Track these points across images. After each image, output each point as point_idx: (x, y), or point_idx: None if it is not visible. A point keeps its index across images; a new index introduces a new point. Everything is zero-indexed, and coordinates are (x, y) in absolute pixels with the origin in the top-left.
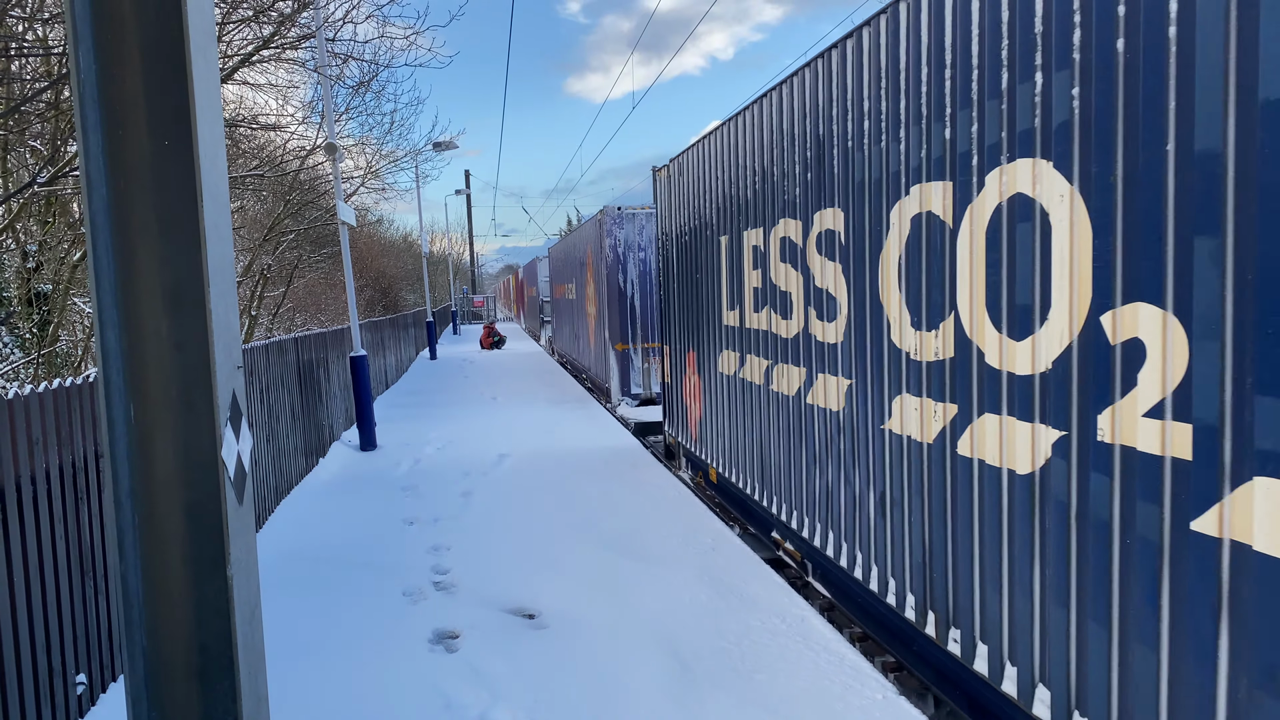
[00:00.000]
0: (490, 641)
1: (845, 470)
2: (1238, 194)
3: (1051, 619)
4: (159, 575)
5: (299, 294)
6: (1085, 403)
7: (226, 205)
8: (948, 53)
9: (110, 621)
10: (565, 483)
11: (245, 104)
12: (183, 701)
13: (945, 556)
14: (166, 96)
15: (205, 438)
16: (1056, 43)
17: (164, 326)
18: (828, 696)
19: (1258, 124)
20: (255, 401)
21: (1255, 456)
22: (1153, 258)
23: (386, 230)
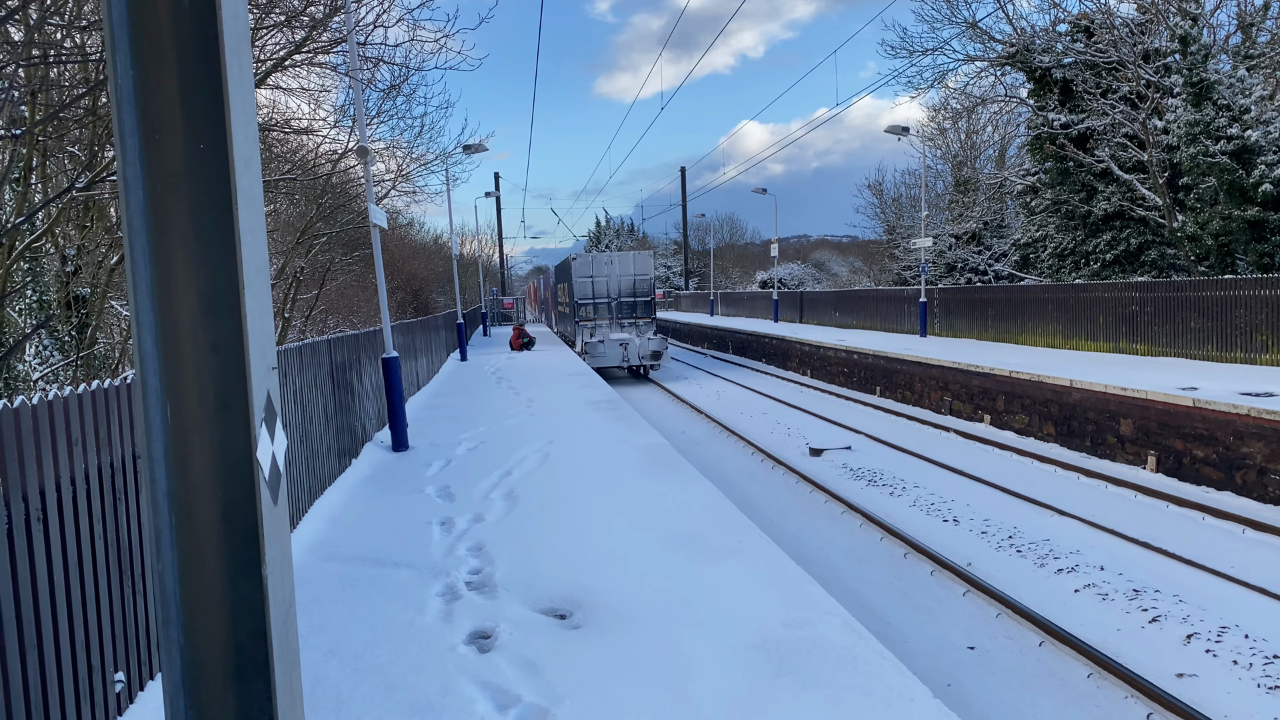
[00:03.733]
0: (525, 640)
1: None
2: None
3: None
4: (195, 575)
5: (331, 296)
6: None
7: (261, 209)
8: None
9: (148, 621)
10: (598, 482)
11: (278, 108)
12: (219, 700)
13: None
14: (202, 101)
15: (240, 439)
16: None
17: (200, 329)
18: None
19: None
20: (289, 403)
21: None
22: None
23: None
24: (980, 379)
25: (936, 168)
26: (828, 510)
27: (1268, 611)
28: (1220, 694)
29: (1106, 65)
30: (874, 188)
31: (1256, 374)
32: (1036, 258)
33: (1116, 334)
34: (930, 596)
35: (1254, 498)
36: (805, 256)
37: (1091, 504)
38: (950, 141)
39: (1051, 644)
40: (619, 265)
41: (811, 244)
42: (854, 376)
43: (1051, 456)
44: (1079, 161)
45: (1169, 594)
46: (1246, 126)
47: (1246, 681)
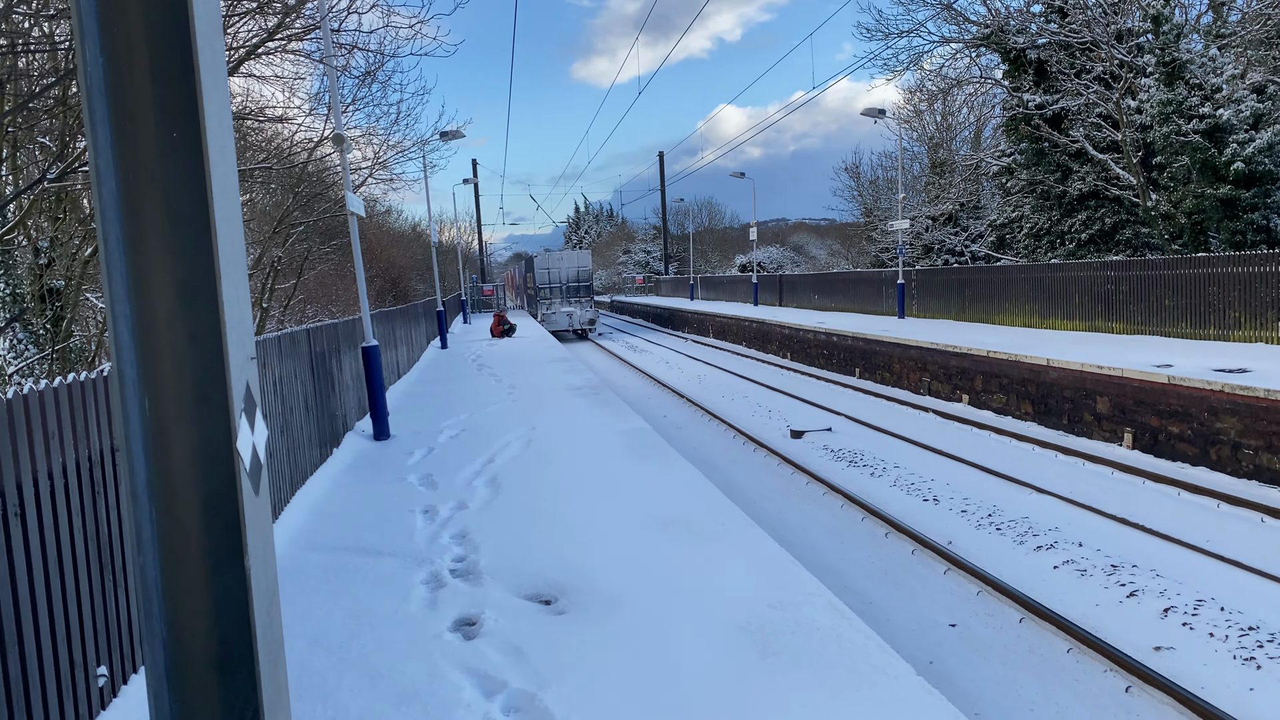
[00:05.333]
0: (511, 626)
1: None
2: None
3: None
4: (177, 568)
5: (310, 286)
6: None
7: (237, 197)
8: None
9: (130, 614)
10: (581, 468)
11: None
12: (203, 692)
13: None
14: (174, 89)
15: (220, 430)
16: None
17: (177, 319)
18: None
19: None
20: (269, 393)
21: None
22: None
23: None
24: (958, 359)
25: (913, 150)
26: (809, 491)
27: (1242, 584)
28: (1197, 665)
29: (1080, 45)
30: (851, 170)
31: (1230, 350)
32: (1013, 238)
33: (1092, 313)
34: (912, 575)
35: (1228, 472)
36: (784, 240)
37: (1069, 481)
38: (926, 123)
39: (1032, 620)
40: (567, 261)
41: (790, 227)
42: (833, 359)
43: (1029, 435)
44: (1054, 142)
45: (1146, 569)
46: (1218, 105)
47: (1222, 653)
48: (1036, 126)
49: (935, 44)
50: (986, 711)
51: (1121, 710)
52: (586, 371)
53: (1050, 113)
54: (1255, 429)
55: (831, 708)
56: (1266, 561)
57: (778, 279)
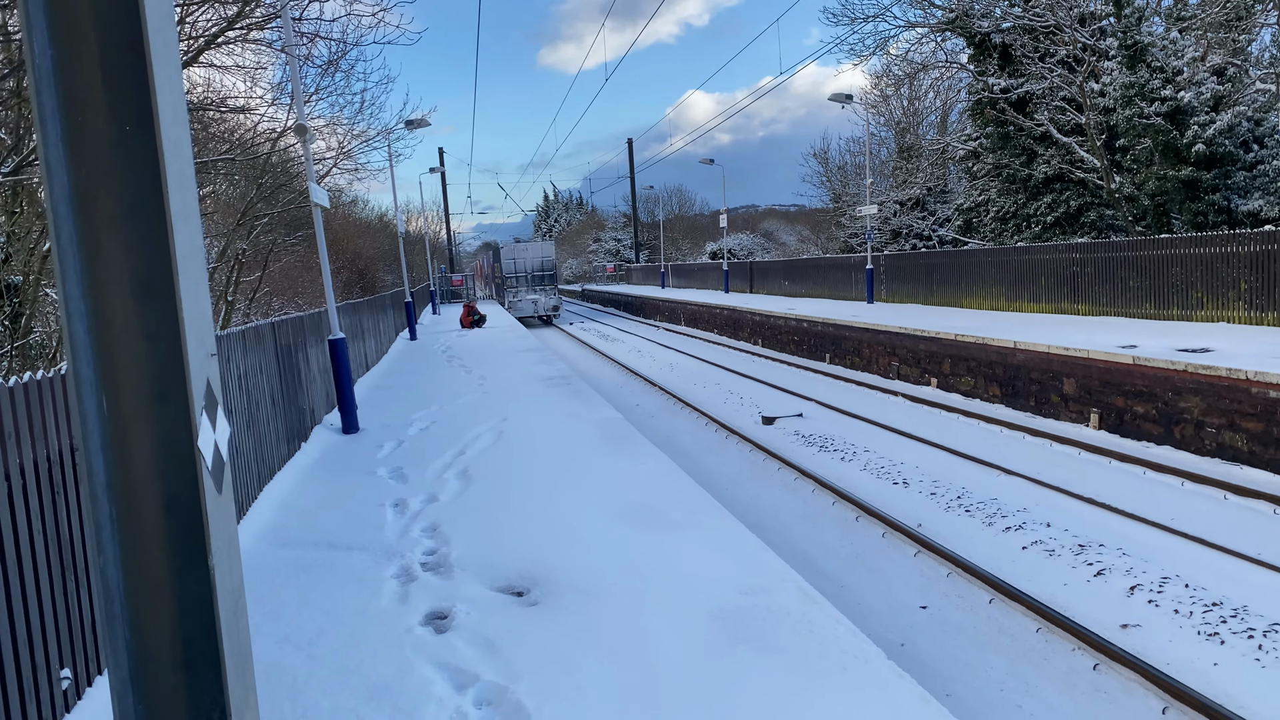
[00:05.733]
0: (483, 619)
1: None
2: None
3: None
4: (139, 568)
5: (275, 278)
6: None
7: (194, 190)
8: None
9: (94, 616)
10: (553, 458)
11: (213, 87)
12: (168, 693)
13: None
14: (125, 80)
15: (181, 428)
16: None
17: (134, 316)
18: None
19: None
20: (233, 388)
21: None
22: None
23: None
24: (927, 343)
25: (880, 135)
26: (781, 477)
27: (1206, 561)
28: (1163, 642)
29: (1044, 29)
30: (819, 156)
31: (1193, 330)
32: (979, 222)
33: (1058, 295)
34: (883, 558)
35: (1192, 451)
36: (754, 226)
37: (1037, 462)
38: (893, 108)
39: (1001, 600)
40: (532, 251)
41: (760, 214)
42: (804, 344)
43: (997, 417)
44: (1019, 125)
45: (1113, 548)
46: (1179, 88)
47: (1187, 629)
48: (1002, 110)
49: (901, 28)
50: (958, 692)
51: (1090, 688)
52: (558, 361)
53: (1015, 97)
54: (1218, 408)
55: (803, 693)
56: (1229, 538)
57: (748, 266)
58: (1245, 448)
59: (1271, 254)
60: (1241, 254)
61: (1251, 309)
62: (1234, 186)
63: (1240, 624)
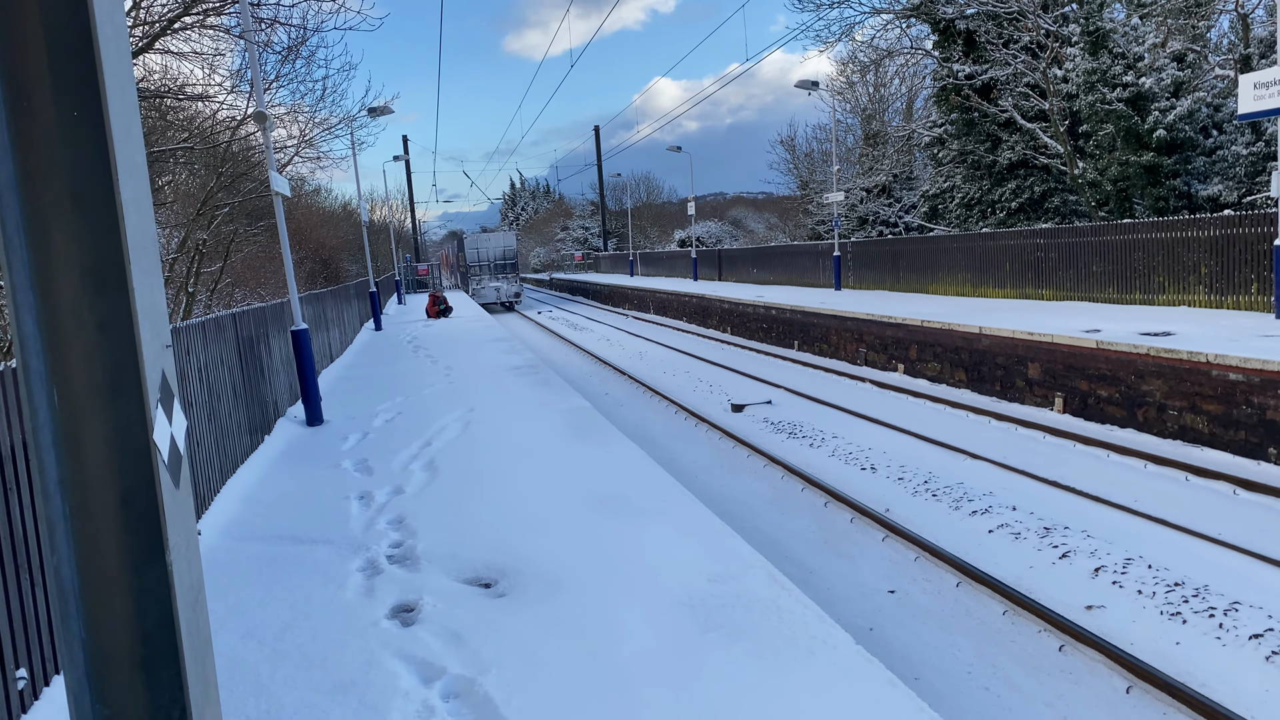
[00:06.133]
0: (450, 612)
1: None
2: None
3: None
4: (94, 566)
5: (237, 269)
6: None
7: (145, 179)
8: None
9: (50, 615)
10: (521, 448)
11: (170, 74)
12: (127, 692)
13: None
14: (72, 65)
15: (136, 421)
16: None
17: (85, 307)
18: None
19: None
20: (194, 381)
21: None
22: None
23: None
24: (894, 329)
25: (846, 122)
26: (750, 464)
27: (1168, 542)
28: (1127, 622)
29: (1008, 15)
30: (787, 143)
31: (1155, 314)
32: (945, 208)
33: (1023, 280)
34: (851, 543)
35: (1154, 433)
36: (722, 214)
37: (1003, 446)
38: (859, 95)
39: (968, 584)
40: (494, 241)
41: (728, 201)
42: (773, 332)
43: (963, 402)
44: (983, 112)
45: (1078, 530)
46: (1141, 74)
47: (1150, 609)
48: (966, 97)
49: (866, 15)
50: (926, 675)
51: (1055, 669)
52: (526, 351)
53: (980, 83)
54: (1179, 390)
55: (772, 680)
56: (1191, 519)
57: (717, 254)
58: (1206, 429)
59: (1231, 238)
60: (1202, 238)
61: (1212, 293)
62: (1194, 172)
63: (1202, 603)
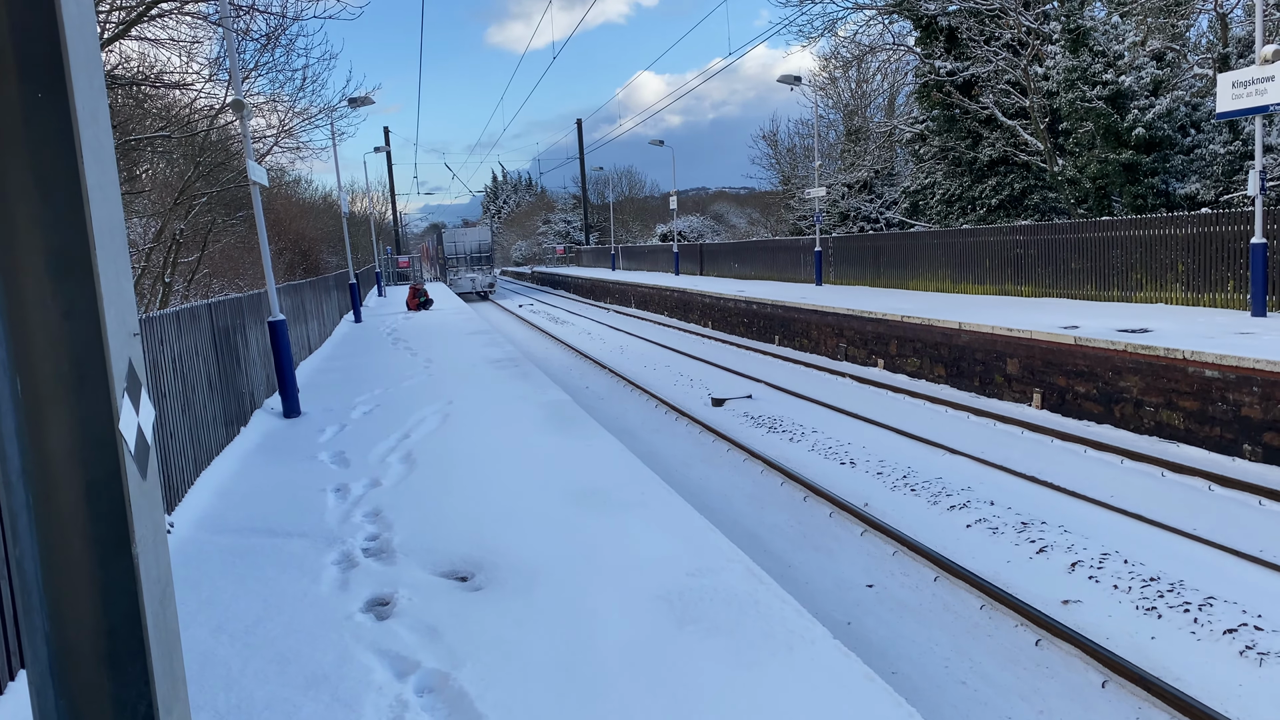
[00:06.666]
0: (425, 605)
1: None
2: None
3: None
4: (58, 559)
5: (215, 259)
6: None
7: (113, 164)
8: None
9: (14, 610)
10: (499, 441)
11: (147, 61)
12: (92, 688)
13: None
14: (36, 46)
15: (101, 411)
16: None
17: (49, 295)
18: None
19: None
20: (168, 371)
21: None
22: None
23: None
24: (874, 324)
25: (829, 117)
26: (730, 459)
27: (1144, 537)
28: (1103, 617)
29: (989, 12)
30: (769, 138)
31: (1132, 311)
32: (926, 204)
33: (1003, 276)
34: (830, 537)
35: (1131, 429)
36: (704, 209)
37: (981, 442)
38: (841, 91)
39: (946, 578)
40: (470, 235)
41: (710, 196)
42: (753, 327)
43: (942, 397)
44: (964, 109)
45: (1055, 525)
46: (1120, 72)
47: (1126, 604)
48: (948, 93)
49: (849, 10)
50: (904, 669)
51: (1032, 663)
52: (506, 344)
53: (961, 80)
54: (1156, 387)
55: (749, 674)
56: (1166, 515)
57: (698, 248)
58: (1182, 426)
59: (1208, 236)
60: (1179, 236)
61: (1189, 290)
62: (1172, 170)
63: (1177, 598)
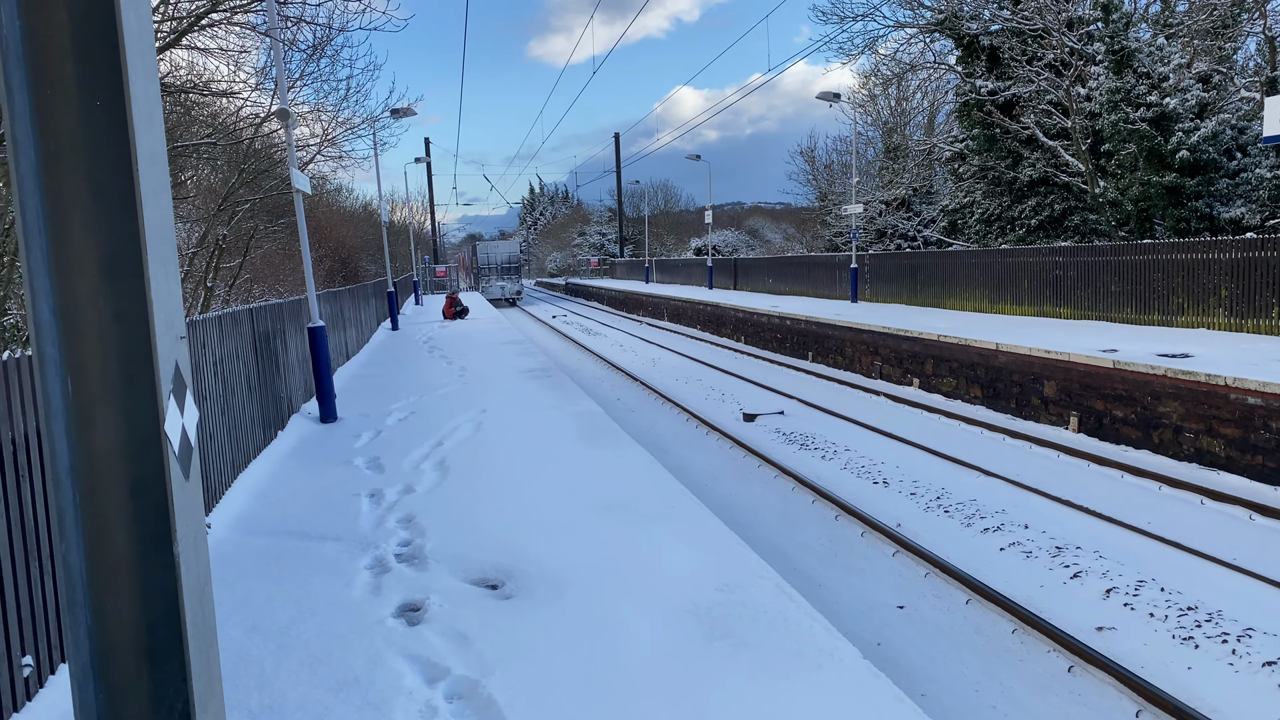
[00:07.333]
0: (456, 612)
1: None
2: None
3: None
4: (102, 554)
5: (256, 265)
6: None
7: (165, 170)
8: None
9: (57, 602)
10: (531, 451)
11: (196, 70)
12: (130, 682)
13: None
14: (97, 55)
15: (147, 412)
16: None
17: (101, 296)
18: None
19: None
20: (209, 374)
21: None
22: None
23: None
24: (909, 343)
25: (867, 134)
26: (761, 474)
27: (1182, 565)
28: (1138, 645)
29: (1032, 32)
30: (806, 154)
31: (1173, 336)
32: (964, 223)
33: (1041, 298)
34: (861, 557)
35: (1170, 455)
36: (739, 223)
37: (1016, 464)
38: (880, 108)
39: (978, 601)
40: (501, 248)
41: (745, 211)
42: (787, 342)
43: (978, 418)
44: (1005, 128)
45: (1090, 550)
46: (1165, 94)
47: (1162, 633)
48: (988, 113)
49: (890, 28)
50: (933, 692)
51: (1064, 690)
52: (539, 354)
53: (1002, 99)
54: (1196, 413)
55: (777, 691)
56: (1205, 543)
57: (733, 263)
58: (1223, 453)
59: (1252, 261)
60: (1223, 261)
61: (1232, 315)
62: (1217, 193)
63: (1215, 628)
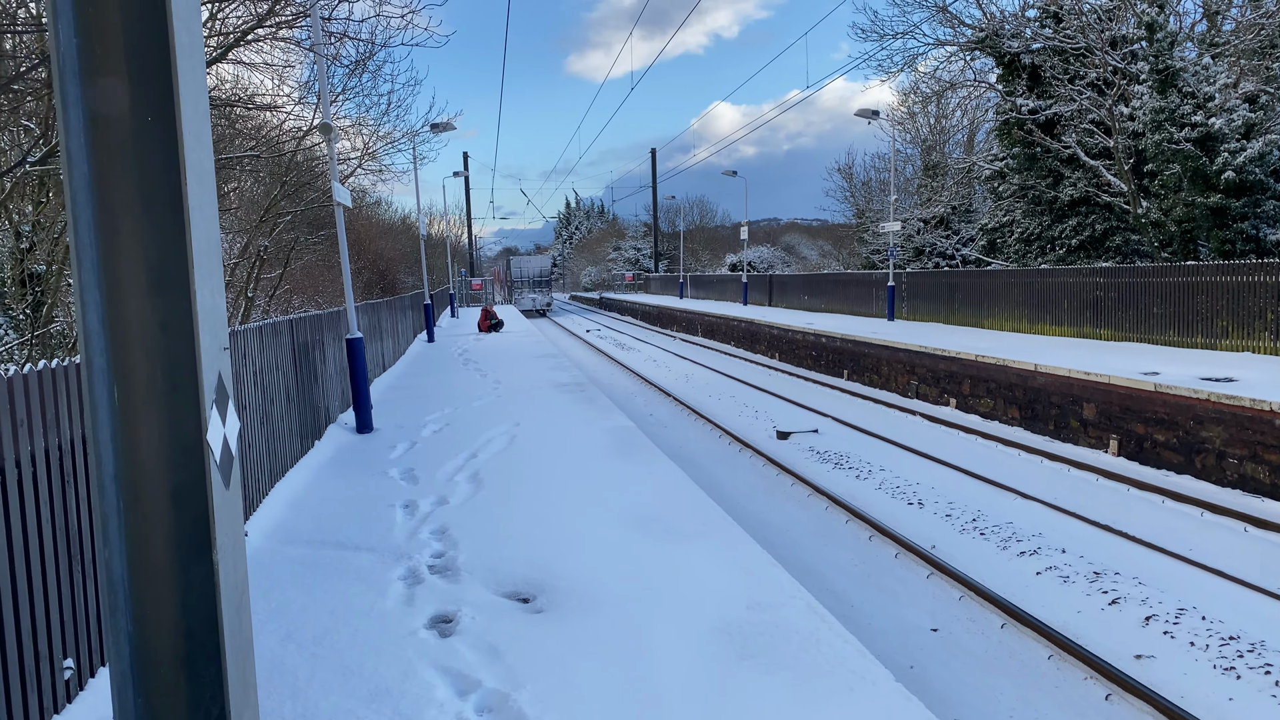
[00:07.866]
0: (488, 625)
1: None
2: None
3: None
4: (144, 560)
5: (296, 276)
6: None
7: (212, 184)
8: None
9: (99, 607)
10: (564, 465)
11: (241, 84)
12: (169, 687)
13: None
14: (149, 72)
15: (190, 421)
16: None
17: (147, 307)
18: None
19: None
20: (248, 384)
21: None
22: None
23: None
24: (946, 363)
25: (906, 152)
26: (794, 493)
27: (1224, 593)
28: (1178, 674)
29: (1074, 51)
30: (844, 171)
31: (1217, 359)
32: (1003, 242)
33: (1081, 319)
34: (894, 579)
35: (1212, 481)
36: (775, 240)
37: (1054, 487)
38: (920, 126)
39: (1013, 626)
40: (533, 262)
41: (781, 227)
42: (822, 360)
43: (1016, 440)
44: (1046, 147)
45: (1129, 576)
46: (1210, 114)
47: (1203, 662)
48: (1029, 131)
49: (930, 46)
50: (966, 717)
51: (1101, 718)
52: (573, 368)
53: (1043, 118)
54: (1240, 438)
55: (809, 712)
56: (1248, 571)
57: (768, 279)
58: (1267, 480)
59: None
60: (1269, 284)
61: (1279, 339)
62: (1263, 215)
63: (1257, 658)
